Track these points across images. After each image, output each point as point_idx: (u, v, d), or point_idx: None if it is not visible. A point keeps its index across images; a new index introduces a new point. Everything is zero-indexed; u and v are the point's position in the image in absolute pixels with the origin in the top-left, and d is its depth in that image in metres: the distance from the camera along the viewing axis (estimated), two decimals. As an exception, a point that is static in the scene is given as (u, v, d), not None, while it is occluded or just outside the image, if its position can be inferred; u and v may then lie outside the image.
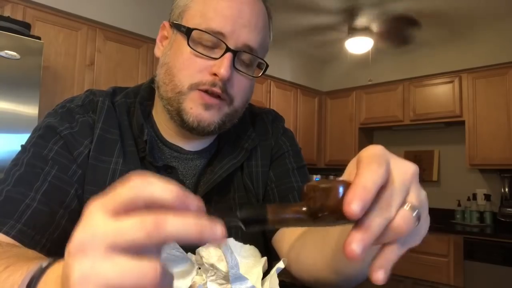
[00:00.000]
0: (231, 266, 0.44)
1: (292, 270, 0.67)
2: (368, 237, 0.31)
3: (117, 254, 0.27)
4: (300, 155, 0.85)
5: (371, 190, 0.31)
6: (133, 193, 0.29)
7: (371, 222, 0.32)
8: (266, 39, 0.72)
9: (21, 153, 0.67)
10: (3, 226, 0.59)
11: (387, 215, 0.32)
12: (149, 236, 0.27)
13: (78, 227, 0.28)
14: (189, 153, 0.75)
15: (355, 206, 0.30)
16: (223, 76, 0.64)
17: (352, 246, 0.31)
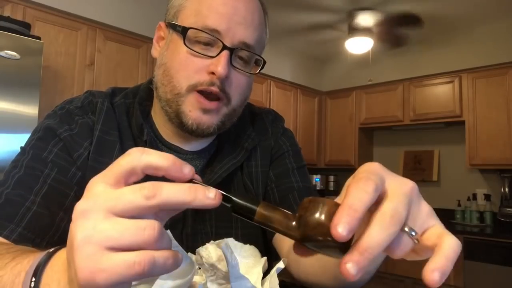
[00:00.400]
0: (231, 266, 0.44)
1: (292, 271, 0.67)
2: (364, 259, 0.30)
3: (117, 216, 0.29)
4: (300, 155, 0.84)
5: (358, 209, 0.30)
6: (132, 162, 0.31)
7: (368, 243, 0.30)
8: (263, 35, 0.71)
9: (21, 155, 0.67)
10: (3, 230, 0.58)
11: (387, 232, 0.30)
12: (147, 199, 0.30)
13: (81, 199, 0.31)
14: (188, 153, 0.75)
15: (341, 228, 0.29)
16: (220, 74, 0.63)
17: (347, 266, 0.30)
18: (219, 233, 0.69)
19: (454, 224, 3.46)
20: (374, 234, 0.30)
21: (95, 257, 0.28)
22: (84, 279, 0.29)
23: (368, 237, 0.30)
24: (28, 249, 0.48)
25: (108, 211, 0.29)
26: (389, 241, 0.30)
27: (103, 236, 0.29)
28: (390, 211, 0.31)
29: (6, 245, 0.52)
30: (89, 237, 0.29)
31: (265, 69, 2.96)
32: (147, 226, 0.29)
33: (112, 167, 0.32)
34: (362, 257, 0.30)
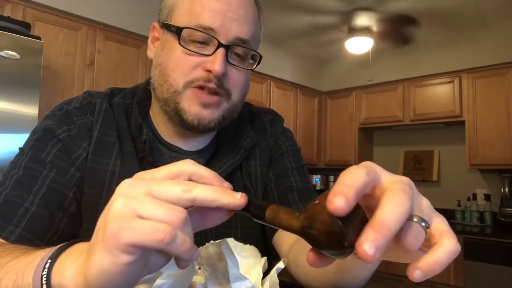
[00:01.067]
0: (231, 266, 0.44)
1: (291, 272, 0.67)
2: (382, 236, 0.28)
3: (155, 197, 0.34)
4: (299, 154, 0.84)
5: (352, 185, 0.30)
6: (180, 168, 0.37)
7: (383, 219, 0.29)
8: (257, 30, 0.71)
9: (19, 156, 0.67)
10: (2, 231, 0.58)
11: (400, 208, 0.30)
12: (183, 192, 0.34)
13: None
14: (187, 153, 0.74)
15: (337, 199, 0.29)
16: (217, 72, 0.63)
17: (364, 247, 0.28)
18: (219, 233, 0.69)
19: (454, 224, 3.46)
20: (388, 210, 0.29)
21: (127, 217, 0.32)
22: (111, 231, 0.31)
23: (382, 213, 0.29)
24: (36, 246, 0.49)
25: (150, 190, 0.34)
26: (403, 218, 0.29)
27: (139, 205, 0.32)
28: (399, 188, 0.31)
29: (7, 245, 0.52)
30: (127, 203, 0.32)
31: (265, 69, 3.00)
32: (177, 209, 0.33)
33: (164, 167, 0.37)
34: (378, 234, 0.28)
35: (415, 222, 0.31)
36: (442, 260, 0.31)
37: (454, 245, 0.32)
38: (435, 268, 0.30)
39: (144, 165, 0.70)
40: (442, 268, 0.31)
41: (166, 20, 0.69)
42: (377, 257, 0.28)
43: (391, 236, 0.29)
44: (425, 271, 0.30)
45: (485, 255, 2.94)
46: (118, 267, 0.32)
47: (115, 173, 0.68)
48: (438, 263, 0.31)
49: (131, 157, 0.70)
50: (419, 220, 0.31)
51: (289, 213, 0.35)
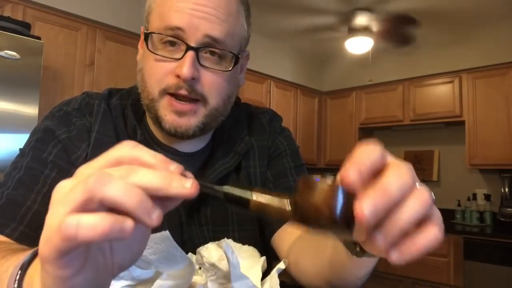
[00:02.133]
0: (232, 266, 0.44)
1: (291, 272, 0.67)
2: (381, 197, 0.28)
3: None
4: (298, 154, 0.84)
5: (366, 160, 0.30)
6: (121, 152, 0.32)
7: (389, 184, 0.29)
8: (237, 26, 0.67)
9: (20, 157, 0.67)
10: (5, 228, 0.59)
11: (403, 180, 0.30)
12: (121, 178, 0.29)
13: None
14: (183, 154, 0.74)
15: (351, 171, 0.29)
16: (185, 76, 0.61)
17: (363, 204, 0.28)
18: (217, 237, 0.69)
19: (454, 224, 3.46)
20: (392, 177, 0.29)
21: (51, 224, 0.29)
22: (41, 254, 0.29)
23: (386, 179, 0.29)
24: (22, 249, 0.48)
25: (86, 189, 0.29)
26: (406, 188, 0.29)
27: (71, 198, 0.29)
28: (405, 165, 0.31)
29: (2, 244, 0.53)
30: (54, 208, 0.30)
31: (265, 69, 3.00)
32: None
33: (101, 156, 0.33)
34: (379, 196, 0.28)
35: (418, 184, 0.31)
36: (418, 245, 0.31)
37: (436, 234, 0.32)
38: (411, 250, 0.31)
39: None
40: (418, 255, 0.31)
41: (145, 24, 0.69)
42: (371, 219, 0.28)
43: (391, 202, 0.29)
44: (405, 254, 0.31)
45: (485, 255, 2.94)
46: (61, 281, 0.30)
47: None
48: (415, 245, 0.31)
49: None
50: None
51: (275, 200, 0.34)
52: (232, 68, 0.66)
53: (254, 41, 3.37)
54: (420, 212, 0.30)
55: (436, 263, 3.17)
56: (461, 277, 3.04)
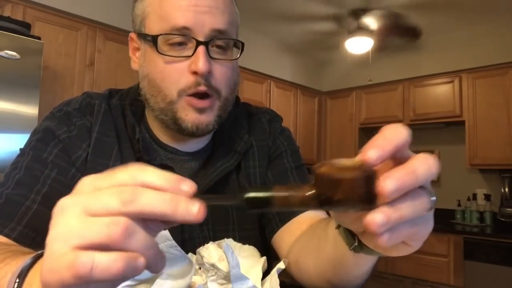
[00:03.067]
0: (232, 266, 0.44)
1: (291, 272, 0.67)
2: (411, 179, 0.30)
3: (91, 216, 0.28)
4: (298, 154, 0.84)
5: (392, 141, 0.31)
6: (128, 177, 0.30)
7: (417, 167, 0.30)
8: (233, 15, 0.69)
9: (20, 157, 0.67)
10: (4, 228, 0.59)
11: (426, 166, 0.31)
12: (123, 204, 0.28)
13: None
14: (184, 154, 0.74)
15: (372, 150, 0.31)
16: (202, 71, 0.62)
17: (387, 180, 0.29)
18: (217, 237, 0.69)
19: (454, 224, 3.46)
20: (420, 163, 0.31)
21: (59, 256, 0.27)
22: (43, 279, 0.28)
23: (415, 162, 0.31)
24: (21, 251, 0.48)
25: (84, 210, 0.28)
26: (430, 175, 0.31)
27: (70, 233, 0.28)
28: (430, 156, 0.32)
29: (1, 245, 0.53)
30: (58, 234, 0.28)
31: (265, 69, 3.00)
32: (112, 222, 0.28)
33: (107, 175, 0.31)
34: (407, 176, 0.30)
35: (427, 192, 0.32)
36: None
37: None
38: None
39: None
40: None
41: (141, 29, 0.68)
42: (394, 196, 0.29)
43: (415, 183, 0.30)
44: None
45: (485, 255, 2.94)
46: None
47: None
48: None
49: (130, 158, 0.70)
50: (431, 193, 0.33)
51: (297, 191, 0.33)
52: (239, 55, 0.68)
53: (254, 41, 3.40)
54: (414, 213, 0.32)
55: (436, 263, 3.17)
56: (461, 277, 3.04)
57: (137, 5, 0.69)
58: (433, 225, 0.35)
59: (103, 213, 0.28)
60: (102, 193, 0.29)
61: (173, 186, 0.30)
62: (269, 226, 0.76)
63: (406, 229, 0.32)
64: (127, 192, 0.29)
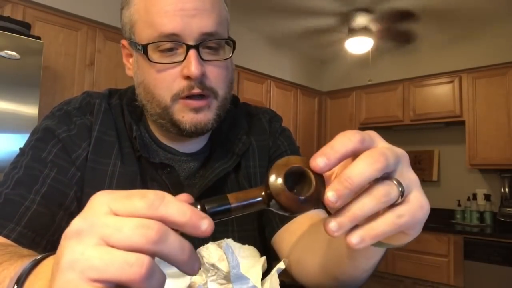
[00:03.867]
0: (232, 266, 0.44)
1: (292, 272, 0.67)
2: (344, 188, 0.31)
3: (110, 247, 0.27)
4: (298, 154, 0.84)
5: (338, 150, 0.33)
6: (147, 205, 0.29)
7: (350, 172, 0.32)
8: (221, 14, 0.67)
9: (20, 156, 0.67)
10: (3, 229, 0.59)
11: (376, 166, 0.32)
12: (147, 242, 0.27)
13: (80, 214, 0.29)
14: (182, 155, 0.74)
15: (319, 160, 0.32)
16: (195, 75, 0.62)
17: (327, 195, 0.32)
18: (216, 238, 0.69)
19: (454, 224, 3.46)
20: (359, 165, 0.32)
21: (73, 286, 0.27)
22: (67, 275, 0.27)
23: (352, 167, 0.32)
24: (19, 254, 0.48)
25: (102, 238, 0.27)
26: (371, 176, 0.32)
27: (88, 265, 0.27)
28: (379, 150, 0.33)
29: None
30: (74, 262, 0.27)
31: (265, 69, 2.99)
32: (135, 263, 0.27)
33: (124, 198, 0.30)
34: (342, 185, 0.32)
35: (390, 180, 0.34)
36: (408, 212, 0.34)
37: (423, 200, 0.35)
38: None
39: (142, 164, 0.71)
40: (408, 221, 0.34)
41: (131, 37, 0.68)
42: (338, 204, 0.32)
43: (355, 188, 0.32)
44: None
45: (485, 255, 2.94)
46: None
47: (115, 173, 0.69)
48: None
49: (130, 157, 0.70)
50: (397, 183, 0.34)
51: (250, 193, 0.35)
52: (232, 54, 0.68)
53: (254, 41, 3.40)
54: (372, 209, 0.33)
55: (436, 263, 3.17)
56: (461, 277, 3.04)
57: (124, 12, 0.69)
58: (434, 225, 0.36)
59: (125, 247, 0.27)
60: (124, 223, 0.28)
61: (193, 224, 0.30)
62: (269, 226, 0.76)
63: (381, 227, 0.34)
64: (152, 231, 0.28)
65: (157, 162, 0.71)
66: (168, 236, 0.28)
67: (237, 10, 3.15)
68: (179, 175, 0.73)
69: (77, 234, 0.28)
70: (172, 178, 0.71)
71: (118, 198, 0.29)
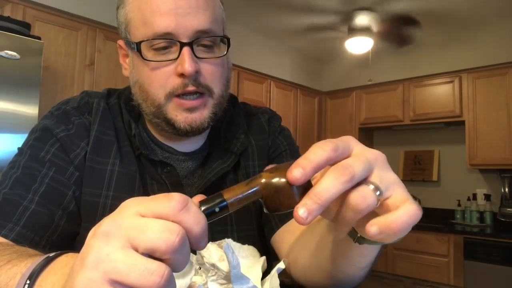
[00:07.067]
0: (233, 266, 0.44)
1: (291, 272, 0.67)
2: (313, 203, 0.33)
3: (134, 250, 0.29)
4: (298, 153, 0.84)
5: (313, 160, 0.34)
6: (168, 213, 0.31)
7: (318, 189, 0.34)
8: (216, 10, 0.67)
9: (18, 156, 0.67)
10: (2, 229, 0.59)
11: (341, 179, 0.33)
12: (167, 247, 0.29)
13: (110, 215, 0.31)
14: (180, 154, 0.74)
15: (296, 172, 0.34)
16: (189, 72, 0.62)
17: (298, 211, 0.34)
18: (216, 238, 0.70)
19: (454, 224, 3.46)
20: (325, 181, 0.34)
21: (94, 285, 0.28)
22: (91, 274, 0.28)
23: (319, 184, 0.34)
24: (25, 252, 0.48)
25: (128, 241, 0.29)
26: (338, 189, 0.34)
27: (111, 267, 0.28)
28: (344, 163, 0.35)
29: (2, 246, 0.53)
30: (99, 262, 0.28)
31: (265, 69, 3.00)
32: (156, 271, 0.28)
33: (151, 199, 0.31)
34: (311, 201, 0.34)
35: (365, 185, 0.35)
36: (399, 220, 0.34)
37: (413, 209, 0.35)
38: (392, 226, 0.34)
39: (142, 163, 0.71)
40: (400, 229, 0.34)
41: (126, 36, 0.68)
42: (309, 219, 0.34)
43: (323, 202, 0.34)
44: (381, 228, 0.34)
45: (485, 255, 2.94)
46: None
47: (114, 172, 0.69)
48: (394, 222, 0.34)
49: (129, 156, 0.70)
50: (374, 187, 0.35)
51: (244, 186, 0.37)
52: (226, 52, 0.68)
53: (254, 41, 3.40)
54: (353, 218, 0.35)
55: (436, 263, 3.17)
56: (461, 277, 3.04)
57: (119, 12, 0.69)
58: (434, 225, 0.37)
59: (147, 249, 0.29)
60: (148, 225, 0.30)
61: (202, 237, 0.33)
62: (268, 226, 0.76)
63: None
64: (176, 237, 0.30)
65: (157, 160, 0.71)
66: (185, 245, 0.31)
67: (237, 10, 3.15)
68: (179, 174, 0.73)
69: (105, 235, 0.29)
70: (172, 177, 0.71)
71: (144, 201, 0.31)
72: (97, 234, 0.30)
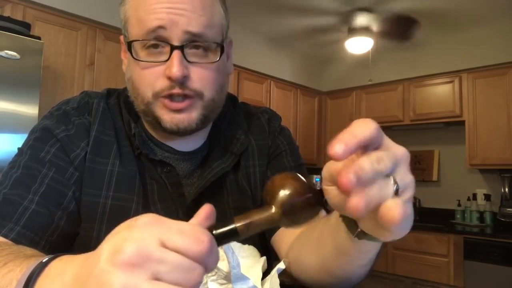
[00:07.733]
0: (233, 266, 0.44)
1: (291, 271, 0.67)
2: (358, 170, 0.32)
3: (159, 281, 0.29)
4: (297, 153, 0.84)
5: (357, 135, 0.32)
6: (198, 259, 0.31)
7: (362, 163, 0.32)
8: (215, 17, 0.67)
9: (18, 156, 0.67)
10: (1, 228, 0.59)
11: (376, 168, 0.33)
12: (187, 285, 0.30)
13: (127, 236, 0.30)
14: (180, 153, 0.74)
15: (337, 146, 0.32)
16: (176, 77, 0.62)
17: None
18: None
19: (454, 224, 3.46)
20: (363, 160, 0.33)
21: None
22: None
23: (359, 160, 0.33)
24: (22, 253, 0.48)
25: (153, 274, 0.30)
26: (372, 174, 0.32)
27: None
28: (379, 156, 0.33)
29: (1, 245, 0.53)
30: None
31: (265, 69, 3.00)
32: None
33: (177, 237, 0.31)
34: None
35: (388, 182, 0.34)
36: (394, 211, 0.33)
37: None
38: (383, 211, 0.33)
39: (142, 163, 0.71)
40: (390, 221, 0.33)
41: (125, 33, 0.69)
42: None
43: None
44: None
45: (485, 255, 2.94)
46: None
47: (114, 173, 0.69)
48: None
49: (129, 156, 0.70)
50: (396, 185, 0.34)
51: (259, 212, 0.36)
52: (219, 58, 0.67)
53: (254, 41, 3.40)
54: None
55: (436, 263, 3.17)
56: (461, 277, 3.04)
57: (121, 8, 0.69)
58: (434, 225, 0.36)
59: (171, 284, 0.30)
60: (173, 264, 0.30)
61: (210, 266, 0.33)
62: None
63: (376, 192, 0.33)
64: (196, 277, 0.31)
65: (157, 160, 0.71)
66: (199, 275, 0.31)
67: (237, 10, 3.15)
68: (178, 174, 0.73)
69: (130, 266, 0.29)
70: (172, 177, 0.71)
71: (169, 230, 0.31)
72: (120, 261, 0.29)
